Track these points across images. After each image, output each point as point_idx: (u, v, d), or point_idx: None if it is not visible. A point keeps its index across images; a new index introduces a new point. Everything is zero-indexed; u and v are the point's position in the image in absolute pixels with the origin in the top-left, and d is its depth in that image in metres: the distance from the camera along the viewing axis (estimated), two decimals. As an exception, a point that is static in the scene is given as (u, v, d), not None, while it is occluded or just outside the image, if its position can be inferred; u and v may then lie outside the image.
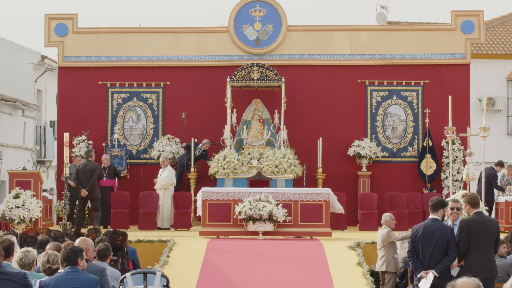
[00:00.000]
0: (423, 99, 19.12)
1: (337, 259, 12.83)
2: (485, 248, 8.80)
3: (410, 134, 19.16)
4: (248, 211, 14.49)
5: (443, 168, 18.71)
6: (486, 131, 14.48)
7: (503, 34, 25.63)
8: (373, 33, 19.34)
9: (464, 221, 8.97)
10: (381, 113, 19.20)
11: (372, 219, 17.44)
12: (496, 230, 8.93)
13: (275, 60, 19.09)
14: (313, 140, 18.33)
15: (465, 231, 8.77)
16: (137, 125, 19.36)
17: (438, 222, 8.86)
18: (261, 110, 18.74)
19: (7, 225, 15.48)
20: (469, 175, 14.57)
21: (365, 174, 18.79)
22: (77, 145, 18.73)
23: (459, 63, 19.10)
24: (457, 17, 19.10)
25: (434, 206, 8.89)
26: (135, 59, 19.30)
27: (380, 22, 22.50)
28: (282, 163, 17.09)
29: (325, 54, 19.20)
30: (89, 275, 6.81)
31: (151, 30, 19.60)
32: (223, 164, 17.19)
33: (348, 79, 19.21)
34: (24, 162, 22.71)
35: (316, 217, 14.93)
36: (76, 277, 6.63)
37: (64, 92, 19.35)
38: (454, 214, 9.33)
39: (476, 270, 8.52)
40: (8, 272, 6.33)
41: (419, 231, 8.85)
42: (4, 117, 24.64)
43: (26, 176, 16.40)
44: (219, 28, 19.49)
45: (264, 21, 19.22)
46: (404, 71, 19.22)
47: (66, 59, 19.23)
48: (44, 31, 19.24)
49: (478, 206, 9.02)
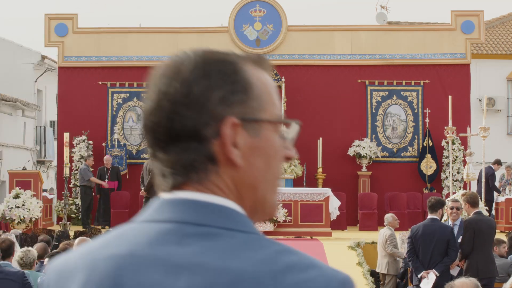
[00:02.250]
0: (423, 99, 19.12)
1: (337, 259, 12.82)
2: (484, 248, 8.81)
3: (410, 134, 19.16)
4: (248, 211, 14.49)
5: (443, 168, 18.71)
6: (486, 131, 14.48)
7: (503, 34, 25.64)
8: (373, 33, 19.34)
9: (468, 221, 8.96)
10: (381, 113, 19.20)
11: (372, 219, 17.44)
12: (494, 229, 8.95)
13: (275, 60, 19.08)
14: (313, 140, 18.33)
15: (470, 231, 8.76)
16: (137, 125, 19.36)
17: (438, 222, 8.87)
18: (261, 110, 18.76)
19: (7, 225, 15.48)
20: (469, 175, 14.57)
21: (365, 174, 18.79)
22: (77, 145, 18.72)
23: (459, 63, 19.10)
24: (457, 17, 19.10)
25: (433, 206, 8.90)
26: (135, 59, 19.30)
27: (380, 22, 22.50)
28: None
29: (325, 54, 19.20)
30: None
31: (151, 30, 19.61)
32: (223, 164, 17.21)
33: (348, 79, 19.20)
34: (24, 162, 22.70)
35: (316, 217, 14.94)
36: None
37: (64, 92, 19.35)
38: (454, 214, 9.35)
39: (481, 270, 8.54)
40: (7, 271, 6.35)
41: (419, 232, 8.85)
42: (4, 117, 24.65)
43: (26, 176, 16.41)
44: (219, 28, 19.50)
45: (264, 21, 19.23)
46: (404, 71, 19.22)
47: (66, 59, 19.23)
48: (44, 31, 19.25)
49: (477, 206, 9.04)
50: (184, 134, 1.23)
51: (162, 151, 1.26)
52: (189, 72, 1.24)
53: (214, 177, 1.25)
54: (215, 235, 1.21)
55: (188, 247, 1.20)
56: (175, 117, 1.23)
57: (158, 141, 1.26)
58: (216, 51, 1.27)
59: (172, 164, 1.25)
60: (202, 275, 1.16)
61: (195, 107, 1.23)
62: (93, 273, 1.23)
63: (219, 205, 1.25)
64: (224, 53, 1.28)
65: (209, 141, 1.23)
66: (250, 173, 1.27)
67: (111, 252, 1.23)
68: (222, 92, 1.23)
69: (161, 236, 1.22)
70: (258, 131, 1.27)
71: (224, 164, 1.24)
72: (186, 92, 1.23)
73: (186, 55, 1.27)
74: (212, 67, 1.25)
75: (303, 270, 1.19)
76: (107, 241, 1.28)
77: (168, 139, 1.25)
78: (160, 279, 1.18)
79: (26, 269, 7.23)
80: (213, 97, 1.23)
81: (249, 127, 1.26)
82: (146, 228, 1.24)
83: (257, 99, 1.27)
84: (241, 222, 1.26)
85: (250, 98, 1.26)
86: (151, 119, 1.26)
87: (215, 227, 1.22)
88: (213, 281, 1.15)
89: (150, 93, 1.27)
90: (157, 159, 1.27)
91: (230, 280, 1.16)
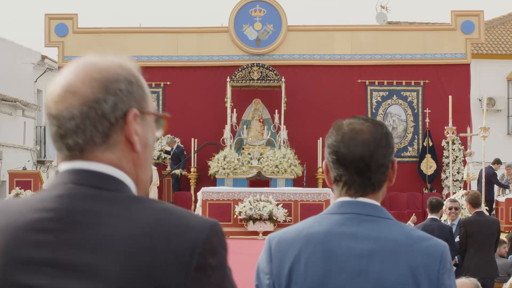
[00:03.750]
0: (423, 99, 19.12)
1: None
2: (484, 248, 8.79)
3: (410, 134, 19.17)
4: (248, 211, 14.50)
5: (443, 168, 18.71)
6: (486, 131, 14.48)
7: (503, 34, 25.65)
8: (373, 33, 19.34)
9: (462, 221, 9.00)
10: (381, 113, 19.20)
11: (372, 219, 17.44)
12: (496, 230, 8.92)
13: (275, 60, 19.09)
14: (313, 140, 18.32)
15: (462, 232, 8.81)
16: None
17: (437, 222, 8.89)
18: (261, 110, 18.75)
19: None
20: (470, 175, 14.58)
21: (365, 174, 18.77)
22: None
23: (459, 63, 19.10)
24: (457, 17, 19.10)
25: (435, 207, 8.92)
26: (135, 59, 19.18)
27: (380, 22, 22.51)
28: (282, 163, 17.10)
29: (325, 54, 19.20)
30: None
31: (151, 30, 19.61)
32: (223, 164, 17.19)
33: (348, 79, 19.20)
34: (24, 162, 22.71)
35: (316, 217, 14.94)
36: None
37: (64, 92, 19.34)
38: (452, 214, 9.37)
39: (473, 270, 8.53)
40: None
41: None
42: (4, 117, 24.65)
43: (26, 176, 16.43)
44: (219, 28, 19.50)
45: (264, 21, 19.22)
46: (404, 71, 19.22)
47: (66, 59, 19.23)
48: (44, 31, 19.25)
49: (479, 206, 9.03)
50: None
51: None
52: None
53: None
54: (376, 221, 2.17)
55: (364, 226, 2.13)
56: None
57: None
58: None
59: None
60: (375, 242, 2.10)
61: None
62: (307, 243, 2.12)
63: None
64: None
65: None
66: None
67: (316, 230, 2.13)
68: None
69: (344, 221, 2.15)
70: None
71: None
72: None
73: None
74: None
75: (427, 240, 2.12)
76: (309, 224, 2.17)
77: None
78: (353, 244, 2.10)
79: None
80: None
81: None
82: (331, 217, 2.18)
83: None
84: (387, 213, 2.21)
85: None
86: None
87: (375, 216, 2.17)
88: (382, 244, 2.10)
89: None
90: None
91: (390, 243, 2.10)
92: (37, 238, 1.44)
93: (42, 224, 1.44)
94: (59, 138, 1.51)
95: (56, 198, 1.47)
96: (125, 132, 1.51)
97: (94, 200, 1.45)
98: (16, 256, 1.43)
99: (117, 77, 1.57)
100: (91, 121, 1.49)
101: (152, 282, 1.39)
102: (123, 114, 1.51)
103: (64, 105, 1.51)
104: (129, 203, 1.47)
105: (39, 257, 1.43)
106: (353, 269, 2.07)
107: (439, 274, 2.07)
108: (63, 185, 1.49)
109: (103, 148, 1.50)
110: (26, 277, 1.42)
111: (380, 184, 2.21)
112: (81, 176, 1.48)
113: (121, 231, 1.42)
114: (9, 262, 1.43)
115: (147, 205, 1.47)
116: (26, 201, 1.51)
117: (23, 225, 1.45)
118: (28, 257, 1.43)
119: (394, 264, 2.08)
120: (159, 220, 1.44)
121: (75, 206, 1.45)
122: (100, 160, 1.49)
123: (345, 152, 2.19)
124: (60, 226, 1.44)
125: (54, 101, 1.53)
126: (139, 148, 1.52)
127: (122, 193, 1.48)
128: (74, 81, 1.56)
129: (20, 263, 1.43)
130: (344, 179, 2.17)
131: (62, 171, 1.52)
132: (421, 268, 2.07)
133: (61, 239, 1.43)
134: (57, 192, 1.48)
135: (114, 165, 1.50)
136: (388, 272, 2.07)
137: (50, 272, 1.41)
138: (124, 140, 1.51)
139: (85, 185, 1.47)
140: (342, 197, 2.18)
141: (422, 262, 2.08)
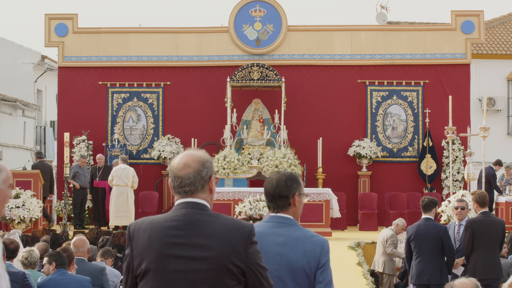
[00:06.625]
0: (423, 99, 19.12)
1: (337, 259, 12.80)
2: (490, 249, 8.75)
3: (410, 134, 19.16)
4: (248, 211, 14.50)
5: (443, 168, 18.71)
6: (486, 131, 14.48)
7: (503, 34, 25.63)
8: (373, 33, 19.34)
9: (468, 221, 8.95)
10: (381, 113, 19.20)
11: (372, 219, 17.45)
12: (501, 230, 8.87)
13: (275, 60, 19.09)
14: (313, 140, 18.33)
15: (469, 232, 8.75)
16: (137, 125, 19.37)
17: (431, 222, 8.87)
18: (261, 110, 18.75)
19: (7, 225, 15.47)
20: (470, 175, 14.57)
21: (365, 174, 18.79)
22: (77, 145, 18.72)
23: (459, 63, 19.10)
24: (457, 17, 19.10)
25: (426, 206, 8.91)
26: (135, 59, 19.31)
27: (380, 22, 22.50)
28: (282, 163, 17.09)
29: (325, 54, 19.20)
30: (80, 276, 6.93)
31: (151, 30, 19.61)
32: (223, 164, 17.19)
33: (348, 79, 19.21)
34: (24, 162, 22.69)
35: (316, 217, 14.94)
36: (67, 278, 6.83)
37: (64, 92, 19.36)
38: (459, 213, 9.37)
39: (479, 271, 8.52)
40: (8, 272, 6.35)
41: (414, 232, 8.88)
42: (4, 117, 24.65)
43: (26, 176, 16.40)
44: (219, 28, 19.50)
45: (264, 21, 19.22)
46: (404, 71, 19.22)
47: (66, 59, 19.23)
48: (44, 31, 19.25)
49: (486, 206, 9.00)
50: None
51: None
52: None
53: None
54: (288, 226, 4.00)
55: (281, 229, 3.99)
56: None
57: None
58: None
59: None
60: (287, 237, 3.96)
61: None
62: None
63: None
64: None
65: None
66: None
67: (256, 230, 3.41)
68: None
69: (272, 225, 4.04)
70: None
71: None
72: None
73: None
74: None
75: (314, 236, 3.97)
76: (255, 226, 3.62)
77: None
78: (275, 238, 3.95)
79: (29, 269, 7.28)
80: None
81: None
82: (266, 223, 4.09)
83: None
84: (295, 222, 4.06)
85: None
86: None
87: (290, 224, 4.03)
88: (290, 238, 3.94)
89: None
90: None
91: (294, 238, 3.94)
92: (175, 233, 3.22)
93: (177, 226, 3.23)
94: (181, 187, 3.29)
95: (182, 215, 3.26)
96: (210, 185, 3.32)
97: (200, 215, 3.26)
98: (165, 241, 3.21)
99: (206, 159, 3.33)
100: (197, 180, 3.29)
101: (233, 248, 3.20)
102: (209, 177, 3.32)
103: (185, 172, 3.29)
104: (214, 215, 3.27)
105: (178, 242, 3.21)
106: (274, 252, 3.90)
107: (321, 255, 3.91)
108: (184, 209, 3.27)
109: (201, 192, 3.30)
110: (173, 251, 3.20)
111: (285, 206, 4.02)
112: (192, 205, 3.29)
113: (216, 228, 3.23)
114: (162, 245, 3.21)
115: (221, 215, 3.28)
116: (164, 216, 3.29)
117: (167, 226, 3.24)
118: (173, 242, 3.21)
119: (296, 249, 3.89)
120: (230, 221, 3.27)
121: (192, 217, 3.25)
122: (199, 198, 3.30)
123: (266, 189, 4.07)
124: (187, 227, 3.23)
125: (179, 169, 3.29)
126: (214, 193, 3.38)
127: (209, 211, 3.29)
128: (188, 161, 3.31)
129: (168, 244, 3.21)
130: (267, 203, 4.09)
131: (180, 202, 3.30)
132: (309, 252, 3.88)
133: (189, 233, 3.21)
134: (182, 212, 3.27)
135: (205, 199, 3.31)
136: (293, 254, 3.89)
137: (185, 249, 3.20)
138: (209, 188, 3.32)
139: (195, 208, 3.28)
140: (270, 213, 4.07)
141: (311, 248, 3.89)
